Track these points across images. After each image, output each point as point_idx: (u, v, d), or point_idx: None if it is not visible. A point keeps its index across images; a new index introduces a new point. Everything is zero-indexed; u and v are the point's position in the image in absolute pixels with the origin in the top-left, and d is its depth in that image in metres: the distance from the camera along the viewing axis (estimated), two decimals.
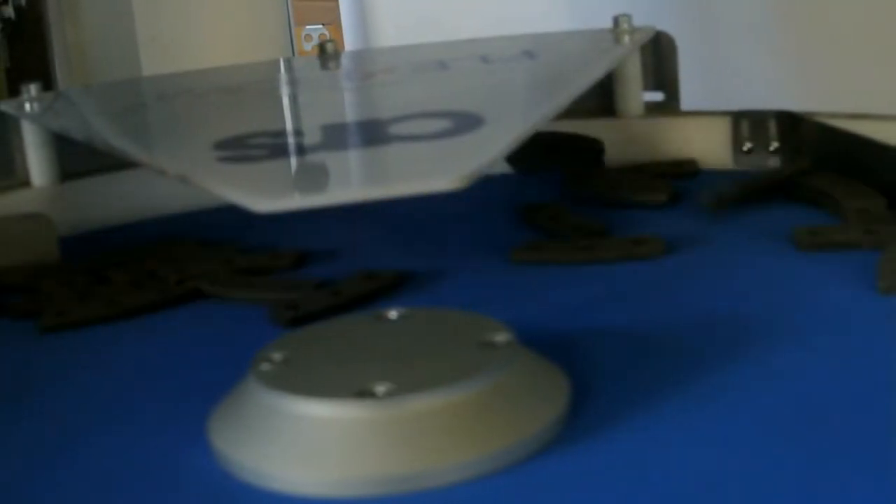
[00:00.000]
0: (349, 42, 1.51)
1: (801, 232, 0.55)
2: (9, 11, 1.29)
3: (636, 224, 0.61)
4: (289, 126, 0.62)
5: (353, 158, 0.51)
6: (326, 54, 0.81)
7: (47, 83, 1.10)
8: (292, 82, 0.79)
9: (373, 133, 0.54)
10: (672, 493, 0.33)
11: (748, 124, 0.71)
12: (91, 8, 1.28)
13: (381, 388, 0.36)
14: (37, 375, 0.49)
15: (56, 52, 1.28)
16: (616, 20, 0.74)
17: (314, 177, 0.48)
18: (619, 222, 0.61)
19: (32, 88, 0.72)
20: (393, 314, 0.43)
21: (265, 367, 0.39)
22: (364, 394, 0.36)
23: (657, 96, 0.77)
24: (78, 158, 0.72)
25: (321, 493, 0.35)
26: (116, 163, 0.71)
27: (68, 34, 1.28)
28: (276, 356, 0.40)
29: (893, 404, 0.38)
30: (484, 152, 0.43)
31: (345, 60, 0.84)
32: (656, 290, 0.52)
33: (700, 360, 0.42)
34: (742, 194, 0.63)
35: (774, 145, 0.71)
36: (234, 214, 0.44)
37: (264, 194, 0.43)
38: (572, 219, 0.62)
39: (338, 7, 1.56)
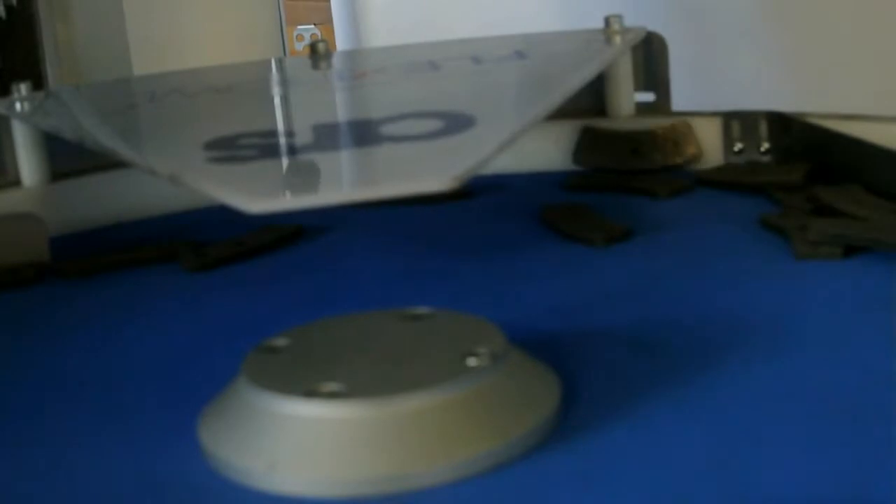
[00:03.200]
0: (341, 42, 1.51)
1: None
2: None
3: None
4: (280, 126, 0.62)
5: (345, 159, 0.51)
6: (318, 54, 0.81)
7: (38, 82, 1.10)
8: (283, 82, 0.79)
9: (364, 133, 0.54)
10: (664, 494, 0.34)
11: (739, 125, 0.71)
12: (82, 7, 1.28)
13: (370, 389, 0.36)
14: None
15: (47, 52, 1.28)
16: (607, 21, 0.74)
17: (305, 177, 0.48)
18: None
19: (23, 88, 0.72)
20: (385, 315, 0.43)
21: (255, 366, 0.39)
22: (353, 394, 0.36)
23: (648, 97, 0.77)
24: (68, 158, 0.72)
25: (310, 494, 0.35)
26: (107, 162, 0.71)
27: (59, 33, 1.28)
28: (268, 356, 0.40)
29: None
30: (475, 153, 0.43)
31: (336, 61, 0.83)
32: (651, 288, 0.52)
33: (693, 360, 0.42)
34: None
35: (765, 146, 0.71)
36: (225, 215, 0.44)
37: (255, 195, 0.42)
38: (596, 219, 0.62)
39: (330, 7, 1.56)
